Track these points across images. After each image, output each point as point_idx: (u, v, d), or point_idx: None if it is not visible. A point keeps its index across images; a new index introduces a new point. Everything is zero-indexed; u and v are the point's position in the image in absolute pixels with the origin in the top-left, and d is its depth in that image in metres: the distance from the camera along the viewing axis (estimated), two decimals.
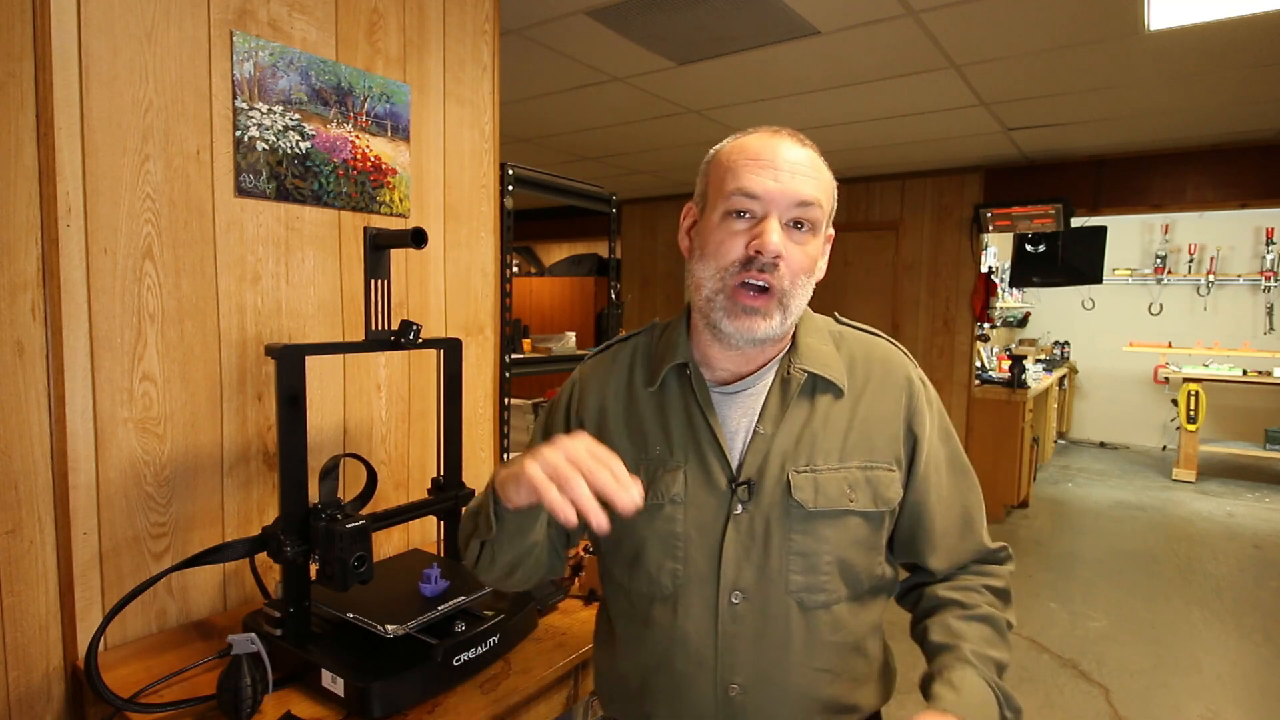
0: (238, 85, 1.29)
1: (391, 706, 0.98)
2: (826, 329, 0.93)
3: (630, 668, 0.91)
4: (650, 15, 2.40)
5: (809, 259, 0.83)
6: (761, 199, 0.81)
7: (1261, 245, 6.73)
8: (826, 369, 0.87)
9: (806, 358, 0.87)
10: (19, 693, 1.12)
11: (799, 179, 0.81)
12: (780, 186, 0.80)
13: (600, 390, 0.95)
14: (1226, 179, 4.20)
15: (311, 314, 1.45)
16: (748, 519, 0.83)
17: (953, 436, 0.93)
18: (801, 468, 0.84)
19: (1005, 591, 0.90)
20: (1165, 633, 3.25)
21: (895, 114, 3.59)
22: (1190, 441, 6.04)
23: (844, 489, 0.84)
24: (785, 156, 0.82)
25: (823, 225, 0.85)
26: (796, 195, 0.80)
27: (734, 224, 0.82)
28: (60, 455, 1.13)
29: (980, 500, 0.93)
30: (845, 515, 0.84)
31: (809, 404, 0.87)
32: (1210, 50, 2.66)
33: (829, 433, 0.86)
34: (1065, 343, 7.58)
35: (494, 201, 1.85)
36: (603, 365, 0.98)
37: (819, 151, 0.88)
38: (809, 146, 0.86)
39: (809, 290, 0.86)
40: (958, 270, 4.95)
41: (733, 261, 0.81)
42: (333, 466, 1.08)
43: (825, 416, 0.86)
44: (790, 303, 0.82)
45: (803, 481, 0.83)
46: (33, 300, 1.10)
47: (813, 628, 0.84)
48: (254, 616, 1.13)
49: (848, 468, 0.85)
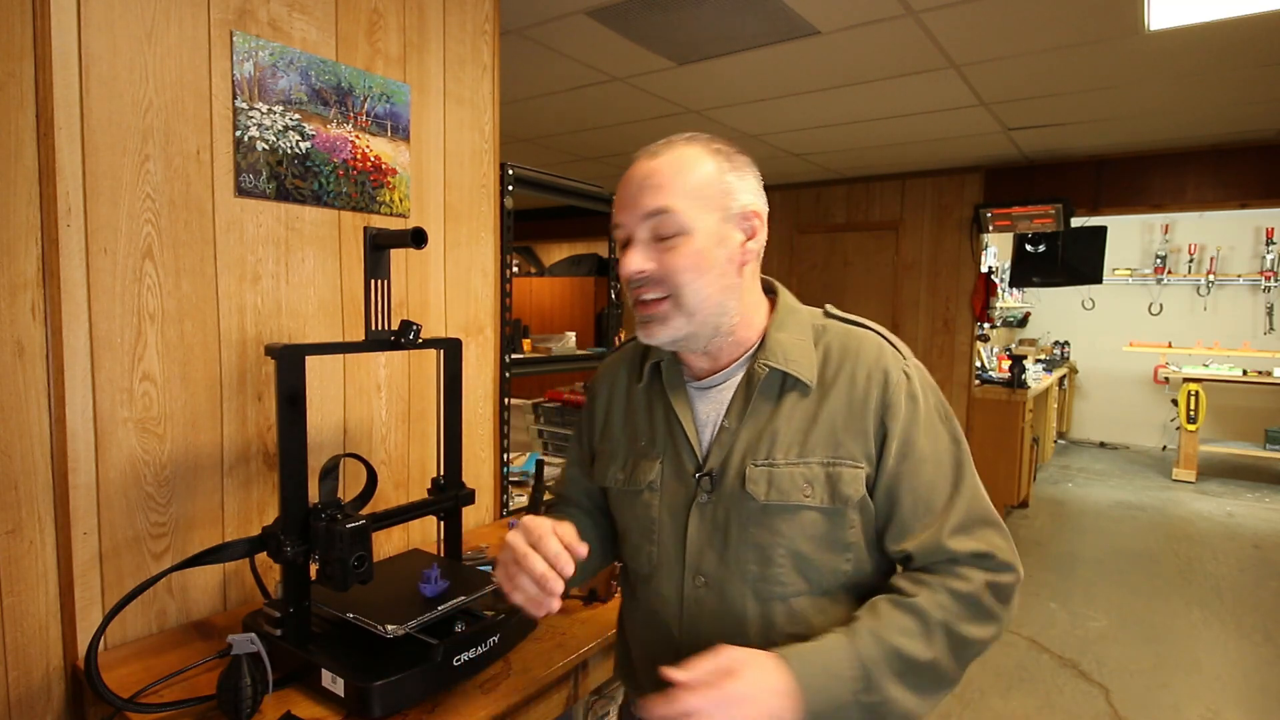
0: (238, 85, 1.29)
1: (391, 706, 0.98)
2: (811, 322, 0.93)
3: (628, 638, 1.03)
4: (650, 15, 2.40)
5: (689, 259, 0.84)
6: (623, 225, 0.88)
7: (1261, 245, 6.73)
8: (790, 363, 0.88)
9: (773, 353, 0.89)
10: (19, 693, 1.12)
11: (644, 194, 0.85)
12: (628, 210, 0.87)
13: (608, 388, 1.05)
14: (1226, 179, 4.20)
15: (311, 314, 1.45)
16: (711, 508, 0.89)
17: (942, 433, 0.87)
18: (760, 461, 0.87)
19: (968, 597, 0.80)
20: (1165, 633, 3.25)
21: (895, 114, 3.59)
22: (1190, 441, 6.04)
23: (800, 484, 0.85)
24: (633, 178, 0.87)
25: (690, 224, 0.84)
26: (641, 210, 0.85)
27: (620, 251, 0.90)
28: (60, 455, 1.13)
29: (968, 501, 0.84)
30: (800, 510, 0.84)
31: (775, 398, 0.89)
32: (1210, 50, 2.66)
33: (791, 428, 0.87)
34: (1065, 343, 7.58)
35: (494, 201, 1.85)
36: (613, 364, 1.07)
37: (700, 142, 0.87)
38: (666, 151, 0.87)
39: (718, 283, 0.86)
40: (958, 270, 4.95)
41: (625, 284, 0.89)
42: (333, 466, 1.08)
43: (790, 411, 0.87)
44: (686, 304, 0.85)
45: (757, 475, 0.86)
46: (33, 300, 1.10)
47: (769, 618, 0.86)
48: (254, 616, 1.13)
49: (808, 463, 0.85)
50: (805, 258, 5.63)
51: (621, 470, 0.98)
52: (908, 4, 2.29)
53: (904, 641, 0.77)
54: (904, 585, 0.83)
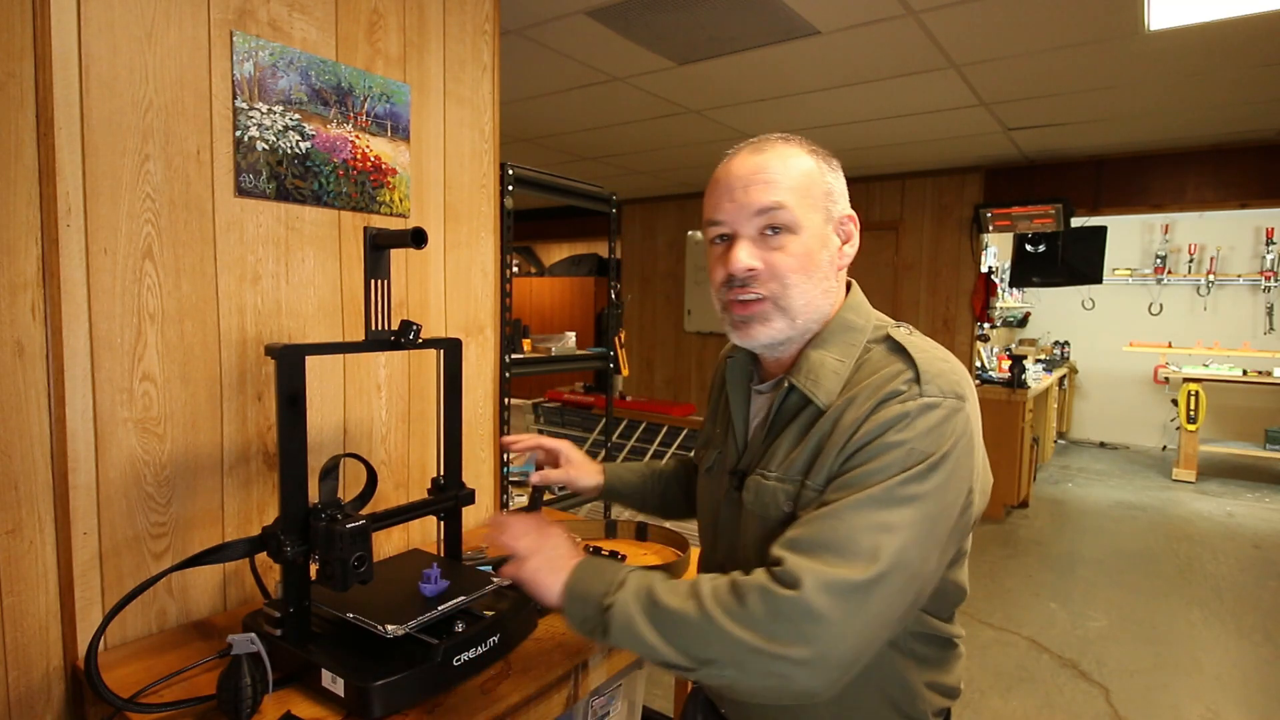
0: (238, 85, 1.29)
1: (391, 706, 0.98)
2: (865, 341, 0.87)
3: None
4: (650, 15, 2.40)
5: (796, 258, 0.84)
6: (725, 222, 0.87)
7: (1261, 245, 6.74)
8: (810, 382, 0.85)
9: (801, 369, 0.88)
10: (19, 693, 1.12)
11: (754, 190, 0.84)
12: (737, 205, 0.85)
13: (723, 367, 1.09)
14: (1226, 179, 4.20)
15: (311, 314, 1.45)
16: (733, 505, 0.94)
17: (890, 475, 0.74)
18: (758, 471, 0.89)
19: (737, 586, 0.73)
20: (1165, 633, 3.25)
21: (895, 114, 3.59)
22: (1190, 441, 6.04)
23: (780, 499, 0.85)
24: (737, 173, 0.86)
25: (801, 221, 0.84)
26: (754, 206, 0.84)
27: (715, 250, 0.90)
28: (60, 455, 1.13)
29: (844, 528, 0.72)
30: (775, 524, 0.84)
31: (793, 413, 0.88)
32: (1210, 50, 2.66)
33: (789, 445, 0.87)
34: (1065, 343, 7.59)
35: (494, 201, 1.85)
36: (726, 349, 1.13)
37: (799, 144, 0.88)
38: (771, 149, 0.86)
39: (819, 286, 0.86)
40: (958, 270, 4.95)
41: (719, 285, 0.89)
42: (333, 466, 1.08)
43: (797, 429, 0.87)
44: (789, 304, 0.85)
45: (751, 484, 0.89)
46: (33, 300, 1.10)
47: None
48: (254, 616, 1.13)
49: (790, 480, 0.84)
50: None
51: (702, 449, 1.08)
52: (908, 4, 2.29)
53: (661, 585, 0.79)
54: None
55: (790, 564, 0.72)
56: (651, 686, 2.64)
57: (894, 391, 0.78)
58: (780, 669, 0.70)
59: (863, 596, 0.70)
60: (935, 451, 0.75)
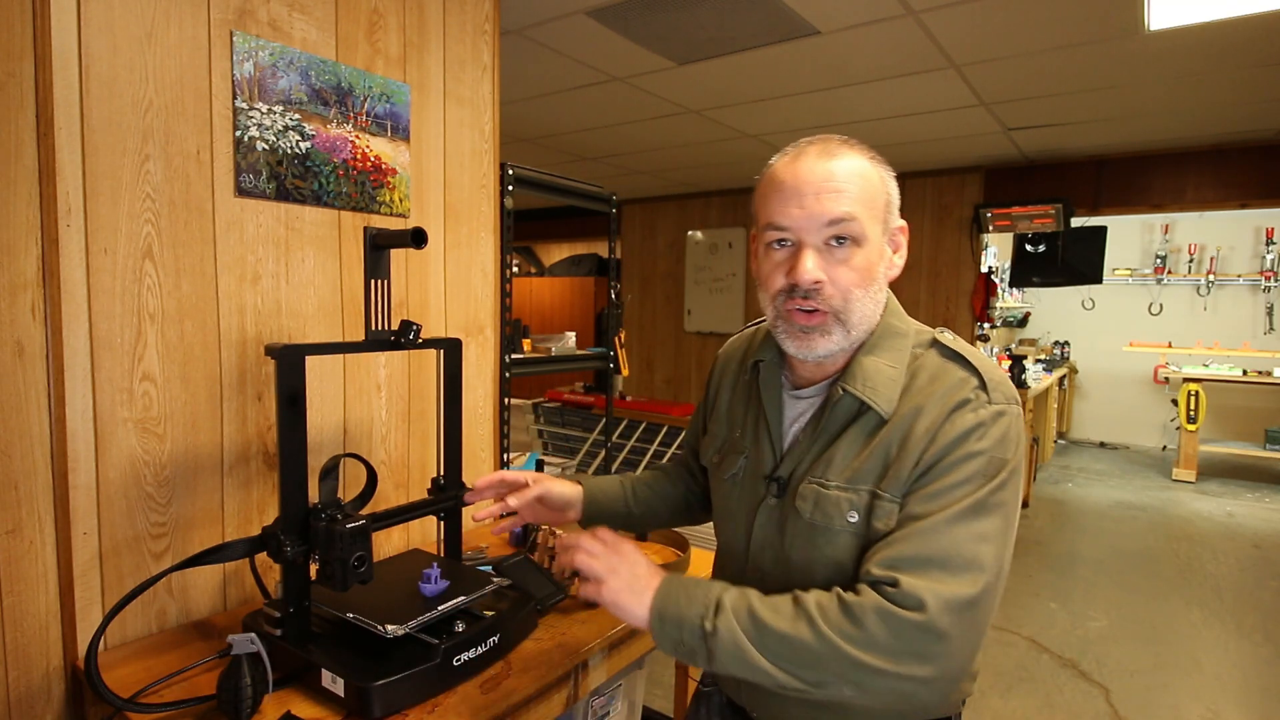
0: (238, 85, 1.29)
1: (391, 706, 0.98)
2: (911, 346, 0.88)
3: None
4: (650, 15, 2.40)
5: (858, 271, 0.83)
6: (791, 229, 0.83)
7: (1261, 245, 6.74)
8: (868, 391, 0.84)
9: (854, 377, 0.86)
10: (19, 693, 1.12)
11: (825, 199, 0.81)
12: (806, 212, 0.82)
13: (725, 370, 1.09)
14: (1226, 179, 4.20)
15: (311, 314, 1.45)
16: (775, 512, 0.91)
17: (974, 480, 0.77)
18: (814, 479, 0.87)
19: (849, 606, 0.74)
20: (1165, 633, 3.25)
21: (895, 114, 3.59)
22: (1190, 441, 6.04)
23: (844, 509, 0.83)
24: (808, 180, 0.82)
25: (866, 234, 0.83)
26: (825, 216, 0.81)
27: (774, 254, 0.86)
28: (60, 455, 1.13)
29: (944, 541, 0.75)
30: (840, 534, 0.84)
31: (844, 423, 0.87)
32: (1210, 50, 2.66)
33: (850, 452, 0.85)
34: (1065, 343, 7.59)
35: (494, 201, 1.85)
36: (733, 346, 1.11)
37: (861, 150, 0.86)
38: (840, 155, 0.84)
39: (874, 298, 0.85)
40: (958, 270, 4.95)
41: (778, 291, 0.85)
42: (333, 466, 1.08)
43: (855, 436, 0.86)
44: (849, 318, 0.84)
45: (807, 492, 0.86)
46: (33, 300, 1.10)
47: None
48: (254, 616, 1.13)
49: (857, 489, 0.83)
50: None
51: (717, 454, 1.03)
52: (908, 4, 2.29)
53: (761, 604, 0.78)
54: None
55: (907, 585, 0.73)
56: (651, 686, 2.64)
57: (964, 399, 0.81)
58: (905, 688, 0.73)
59: (975, 609, 0.74)
60: (1010, 458, 0.79)
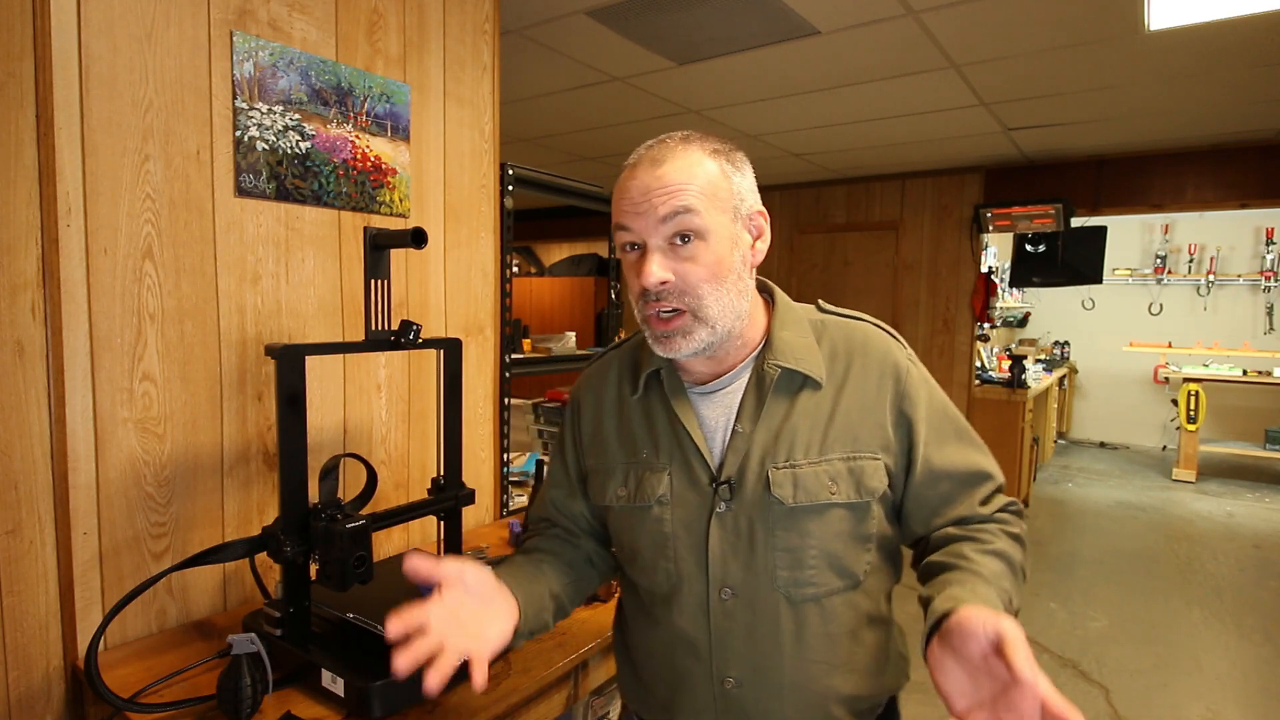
0: (238, 85, 1.29)
1: (391, 706, 0.98)
2: (807, 319, 0.93)
3: (641, 660, 0.97)
4: (650, 15, 2.40)
5: (708, 266, 0.82)
6: (634, 231, 0.83)
7: (1261, 245, 6.74)
8: (801, 362, 0.87)
9: (780, 352, 0.87)
10: (19, 693, 1.12)
11: (658, 198, 0.81)
12: (642, 215, 0.82)
13: (595, 402, 1.01)
14: (1226, 179, 4.20)
15: (311, 314, 1.45)
16: (731, 517, 0.86)
17: (949, 410, 0.92)
18: (781, 464, 0.85)
19: (1020, 538, 0.87)
20: (1165, 633, 3.25)
21: (895, 114, 3.59)
22: (1190, 441, 6.04)
23: (825, 482, 0.84)
24: (641, 181, 0.82)
25: (709, 226, 0.82)
26: (657, 214, 0.81)
27: (628, 258, 0.86)
28: (60, 455, 1.13)
29: (988, 462, 0.91)
30: (828, 508, 0.84)
31: (787, 398, 0.87)
32: (1210, 50, 2.66)
33: (808, 426, 0.86)
34: (1065, 343, 7.58)
35: (494, 201, 1.85)
36: (595, 378, 1.03)
37: (702, 143, 0.84)
38: (676, 152, 0.83)
39: (733, 288, 0.84)
40: (958, 270, 4.95)
41: (637, 295, 0.85)
42: (333, 466, 1.08)
43: (805, 410, 0.87)
44: (707, 313, 0.82)
45: (782, 478, 0.85)
46: (33, 300, 1.10)
47: (803, 621, 0.85)
48: (254, 616, 1.13)
49: (829, 460, 0.85)
50: (805, 258, 5.63)
51: (624, 486, 0.93)
52: (908, 4, 2.29)
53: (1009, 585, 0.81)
54: (968, 533, 0.86)
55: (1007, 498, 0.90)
56: None
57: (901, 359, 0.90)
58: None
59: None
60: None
